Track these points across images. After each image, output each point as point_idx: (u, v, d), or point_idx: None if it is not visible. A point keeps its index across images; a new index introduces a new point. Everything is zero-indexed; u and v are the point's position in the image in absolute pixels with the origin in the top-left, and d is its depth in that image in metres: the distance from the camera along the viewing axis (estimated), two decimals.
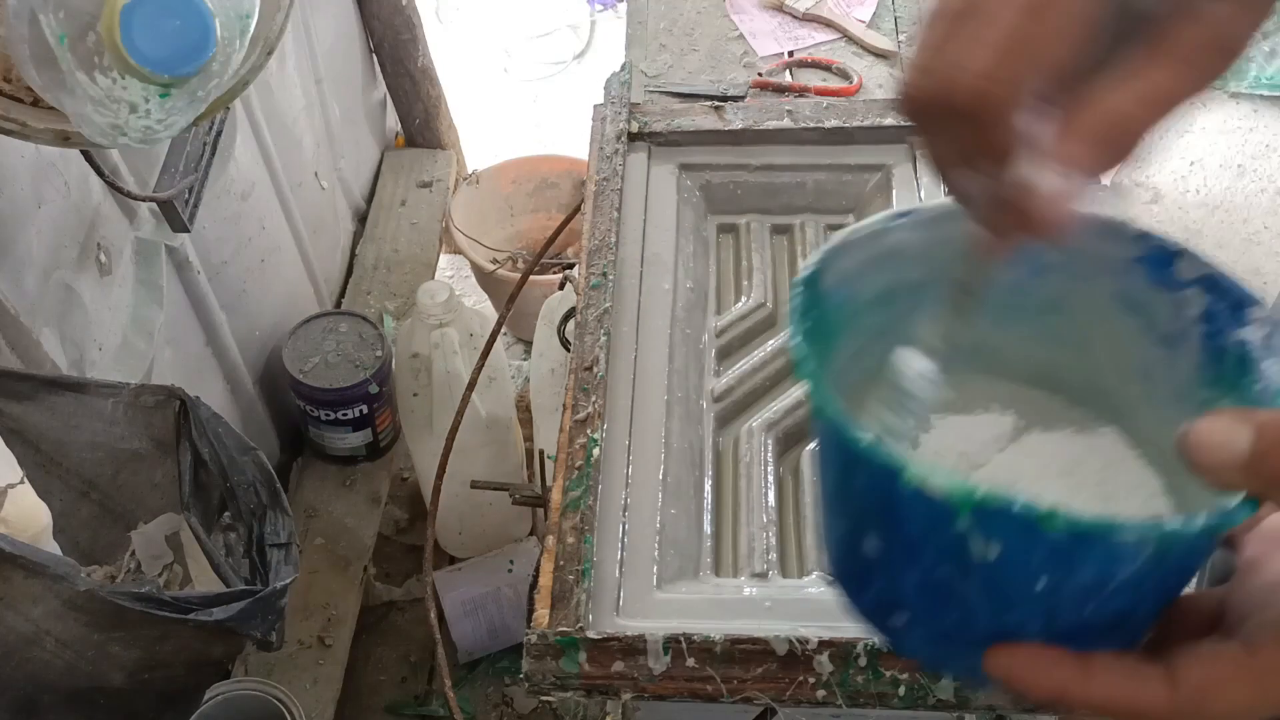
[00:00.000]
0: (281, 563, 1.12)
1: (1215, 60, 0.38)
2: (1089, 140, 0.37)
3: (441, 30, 3.11)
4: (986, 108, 0.36)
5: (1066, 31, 0.36)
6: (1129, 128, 0.37)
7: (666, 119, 1.21)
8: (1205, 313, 0.48)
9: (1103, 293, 0.52)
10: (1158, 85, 0.37)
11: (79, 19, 0.73)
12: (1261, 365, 0.45)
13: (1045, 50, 0.36)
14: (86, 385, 1.14)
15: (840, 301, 0.51)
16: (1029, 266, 0.51)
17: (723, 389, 1.03)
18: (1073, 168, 0.37)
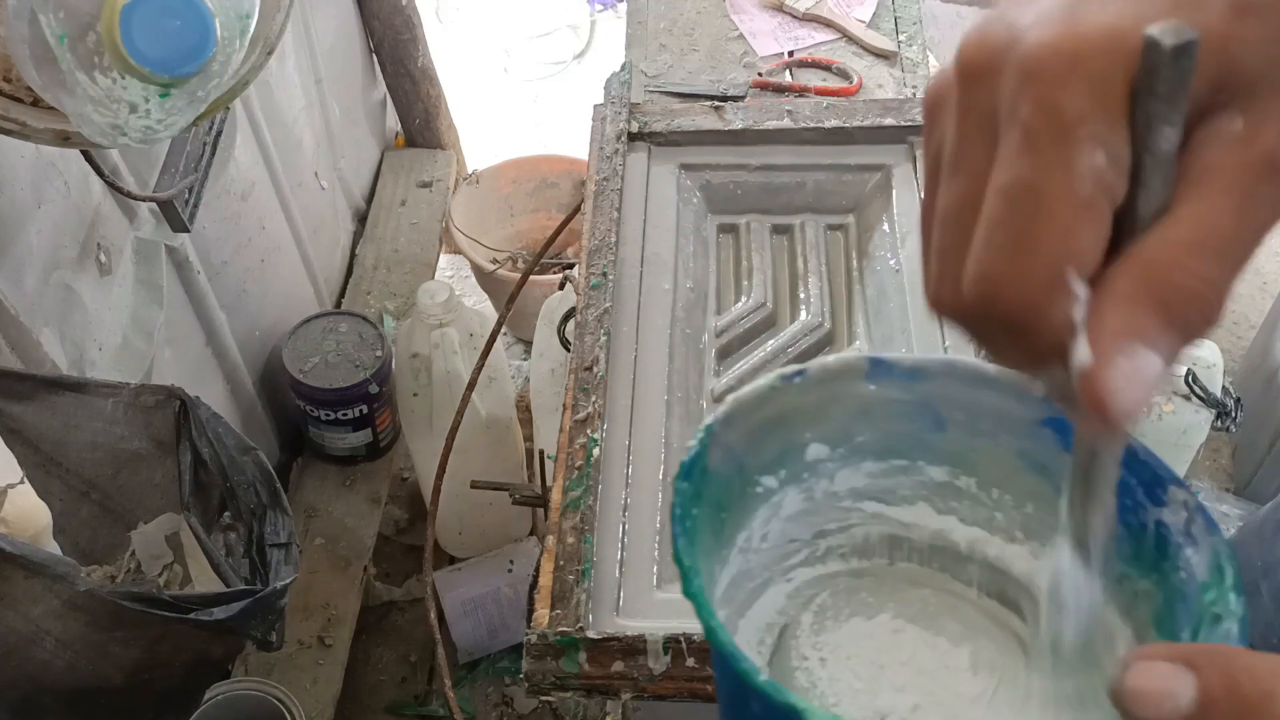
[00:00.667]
0: (281, 563, 1.12)
1: (1266, 182, 0.33)
2: (1124, 300, 0.32)
3: (441, 30, 3.11)
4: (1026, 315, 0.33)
5: (1078, 212, 0.32)
6: (1175, 278, 0.32)
7: (666, 119, 1.21)
8: (1121, 484, 0.44)
9: (1008, 453, 0.49)
10: (1204, 224, 0.33)
11: (79, 19, 0.73)
12: (1184, 553, 0.43)
13: (1067, 238, 0.32)
14: (86, 385, 1.14)
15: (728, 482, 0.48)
16: (930, 421, 0.49)
17: (723, 389, 1.03)
18: (1121, 341, 0.32)
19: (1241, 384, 2.02)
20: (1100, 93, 0.32)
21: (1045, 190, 0.32)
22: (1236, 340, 2.29)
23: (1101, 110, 0.32)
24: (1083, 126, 0.32)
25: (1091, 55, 0.32)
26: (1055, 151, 0.32)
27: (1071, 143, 0.32)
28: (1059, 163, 0.32)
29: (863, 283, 1.12)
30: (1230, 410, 1.65)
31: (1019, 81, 0.33)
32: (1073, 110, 0.32)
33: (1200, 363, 1.69)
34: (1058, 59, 0.32)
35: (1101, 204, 0.33)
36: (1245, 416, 1.70)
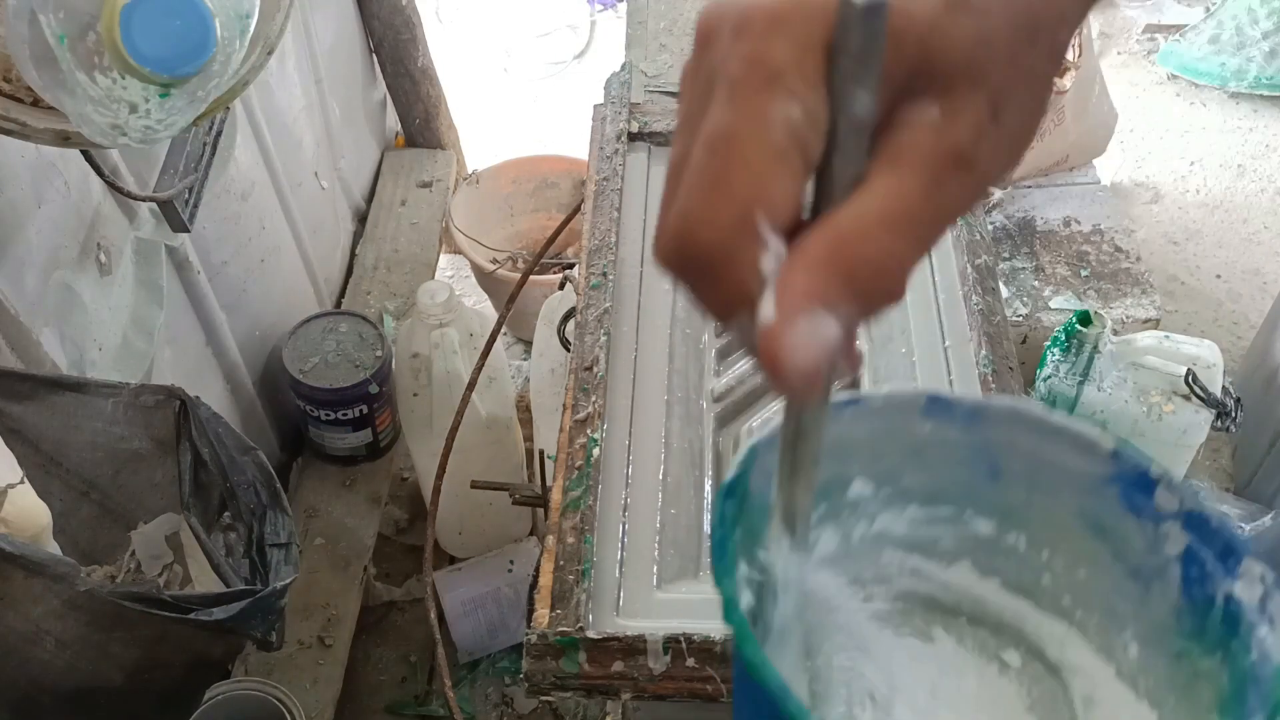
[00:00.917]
0: (281, 563, 1.12)
1: (956, 176, 0.33)
2: (823, 268, 0.33)
3: (441, 30, 3.11)
4: (716, 255, 0.34)
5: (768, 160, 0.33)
6: (861, 250, 0.33)
7: (666, 119, 1.21)
8: (1186, 552, 0.43)
9: (1066, 510, 0.46)
10: (894, 200, 0.33)
11: (79, 19, 0.73)
12: (1257, 632, 0.40)
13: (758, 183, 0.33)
14: (86, 385, 1.14)
15: (768, 505, 0.45)
16: (985, 468, 0.47)
17: (723, 389, 1.03)
18: (805, 303, 0.33)
19: (1241, 384, 2.02)
20: (799, 49, 0.33)
21: (740, 137, 0.33)
22: (1236, 340, 2.29)
23: (799, 66, 0.33)
24: (780, 79, 0.33)
25: (793, 14, 0.33)
26: (753, 101, 0.33)
27: (768, 94, 0.33)
28: (756, 112, 0.33)
29: None
30: (1230, 410, 1.65)
31: (729, 38, 0.34)
32: (772, 63, 0.33)
33: (1200, 363, 1.69)
34: (763, 16, 0.34)
35: (794, 155, 0.33)
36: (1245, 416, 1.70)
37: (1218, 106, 2.79)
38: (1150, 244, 2.45)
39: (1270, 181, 2.63)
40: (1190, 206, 2.59)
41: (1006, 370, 1.00)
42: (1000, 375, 0.99)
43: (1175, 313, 2.32)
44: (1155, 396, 1.68)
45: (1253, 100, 2.77)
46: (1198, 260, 2.46)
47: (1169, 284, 2.39)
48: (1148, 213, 2.57)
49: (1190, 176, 2.65)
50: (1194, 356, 1.70)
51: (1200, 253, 2.48)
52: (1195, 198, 2.60)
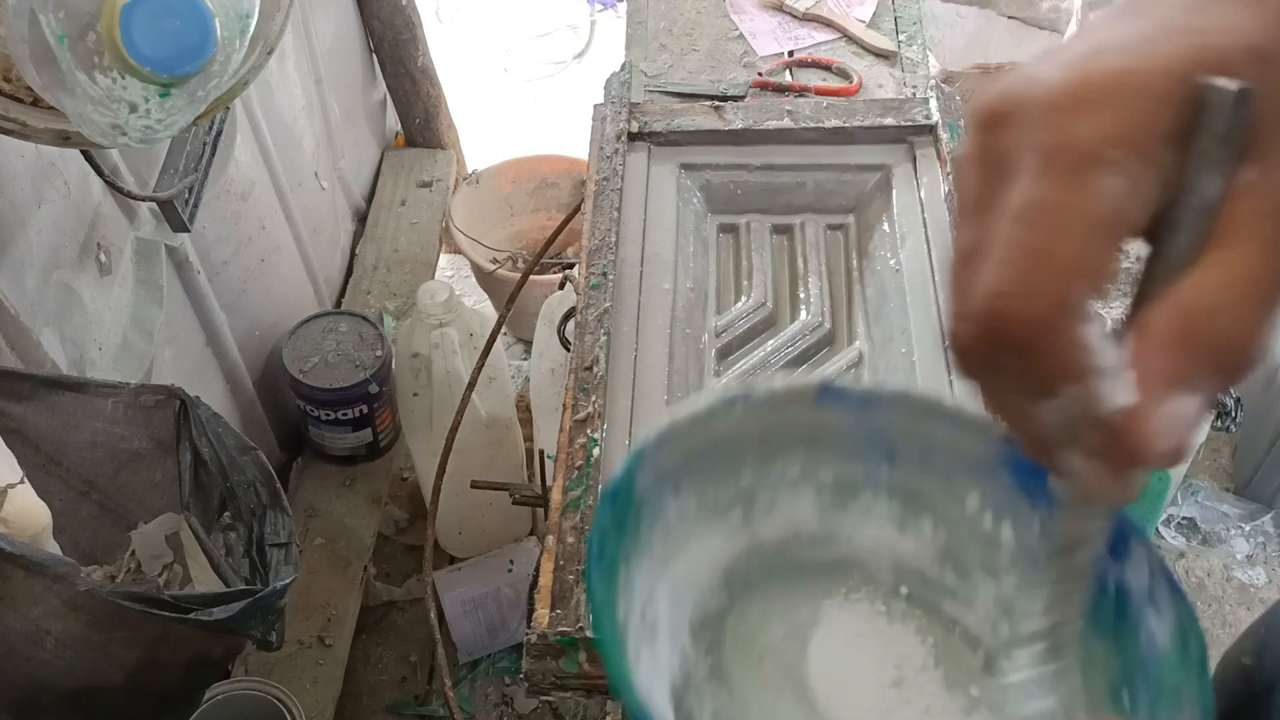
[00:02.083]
0: (281, 563, 1.12)
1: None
2: (1168, 345, 0.32)
3: (441, 30, 3.11)
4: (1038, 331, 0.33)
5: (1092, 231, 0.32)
6: (1215, 323, 0.32)
7: (666, 119, 1.21)
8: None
9: (966, 492, 0.47)
10: (1240, 271, 0.32)
11: (79, 19, 0.73)
12: (1145, 618, 0.41)
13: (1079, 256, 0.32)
14: (86, 385, 1.14)
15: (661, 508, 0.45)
16: (880, 454, 0.47)
17: None
18: (1168, 383, 0.32)
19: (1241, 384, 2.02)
20: (1121, 123, 0.32)
21: (1061, 209, 0.32)
22: None
23: (1122, 138, 0.32)
24: (1102, 155, 0.32)
25: (1112, 88, 0.32)
26: (1073, 173, 0.32)
27: (1090, 167, 0.32)
28: (1076, 184, 0.32)
29: (863, 283, 1.12)
30: (1230, 410, 1.65)
31: (1040, 113, 0.33)
32: (1093, 136, 0.32)
33: None
34: (1076, 92, 0.33)
35: (1116, 227, 0.33)
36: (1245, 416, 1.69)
37: None
38: None
39: None
40: None
41: None
42: None
43: None
44: None
45: None
46: None
47: None
48: None
49: None
50: None
51: None
52: None
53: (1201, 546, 1.97)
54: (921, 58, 1.38)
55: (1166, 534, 1.97)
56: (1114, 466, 0.34)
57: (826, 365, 1.05)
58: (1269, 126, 0.33)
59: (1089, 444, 0.34)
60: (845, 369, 1.05)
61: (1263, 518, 1.98)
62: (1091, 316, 0.33)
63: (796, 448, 0.48)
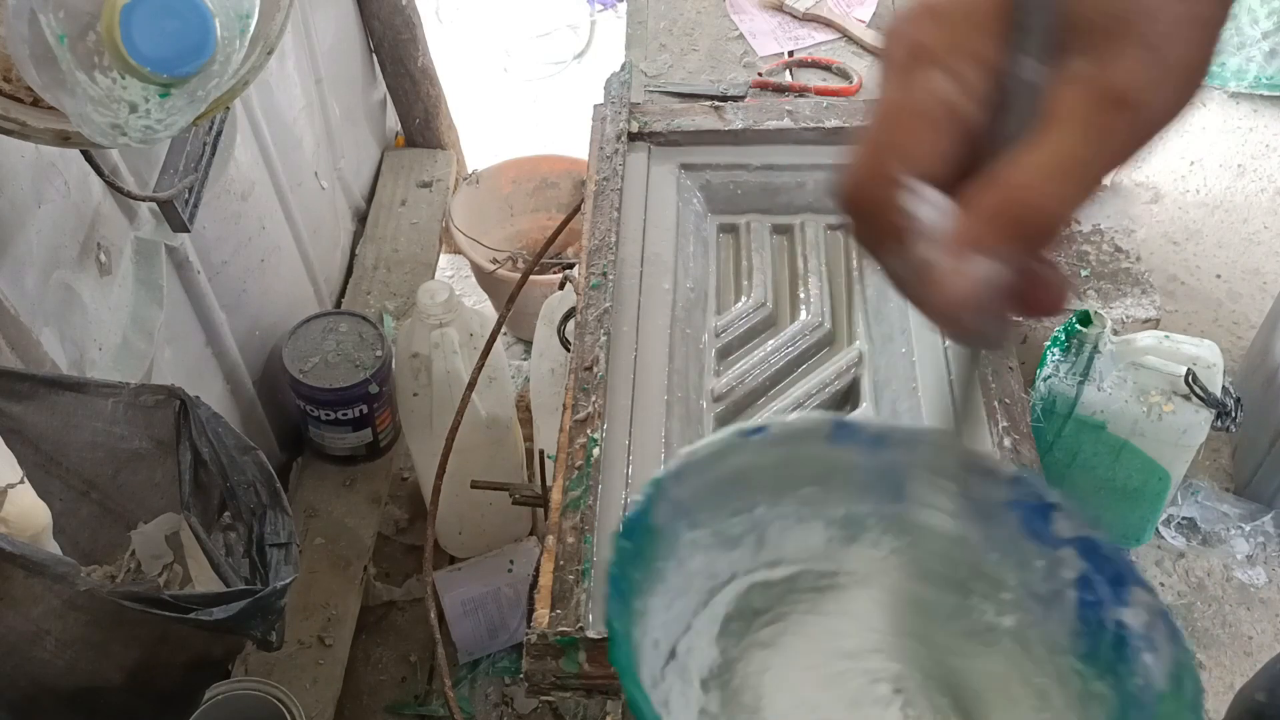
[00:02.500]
0: (281, 563, 1.11)
1: (1114, 118, 0.37)
2: (989, 215, 0.37)
3: (441, 30, 3.11)
4: (864, 200, 0.39)
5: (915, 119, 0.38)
6: (1030, 200, 0.37)
7: (666, 119, 1.21)
8: (1081, 578, 0.44)
9: (972, 534, 0.48)
10: (1054, 151, 0.37)
11: (79, 19, 0.73)
12: (1142, 657, 0.42)
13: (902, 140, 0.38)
14: (86, 385, 1.14)
15: (675, 540, 0.46)
16: (889, 491, 0.49)
17: (723, 389, 1.03)
18: (974, 246, 0.37)
19: (1241, 384, 2.02)
20: (949, 30, 0.38)
21: (893, 104, 0.39)
22: (1236, 340, 2.29)
23: (949, 42, 0.38)
24: (930, 56, 0.38)
25: (946, 2, 0.39)
26: (905, 73, 0.39)
27: (919, 66, 0.39)
28: (907, 81, 0.39)
29: (863, 283, 1.12)
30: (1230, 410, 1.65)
31: (896, 27, 0.40)
32: (924, 44, 0.39)
33: (1200, 363, 1.69)
34: (919, 8, 0.39)
35: (942, 116, 0.38)
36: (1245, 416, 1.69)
37: (1218, 106, 2.79)
38: (1150, 244, 2.45)
39: (1270, 181, 2.63)
40: (1190, 206, 2.59)
41: (1006, 370, 1.00)
42: (1000, 375, 0.99)
43: (1175, 313, 2.32)
44: (1155, 396, 1.68)
45: (1253, 100, 2.77)
46: (1198, 260, 2.46)
47: (1169, 284, 2.39)
48: (1148, 212, 2.57)
49: (1190, 176, 2.65)
50: (1194, 356, 1.69)
51: (1200, 252, 2.48)
52: (1195, 197, 2.60)
53: (1201, 546, 1.97)
54: None
55: (1166, 534, 1.97)
56: (932, 316, 0.39)
57: (826, 365, 1.05)
58: (1101, 24, 0.37)
59: (918, 293, 0.39)
60: (845, 368, 1.05)
61: (1263, 518, 1.98)
62: (915, 189, 0.38)
63: (808, 483, 0.49)
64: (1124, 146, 0.37)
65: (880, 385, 1.03)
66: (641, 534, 0.44)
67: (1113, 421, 1.69)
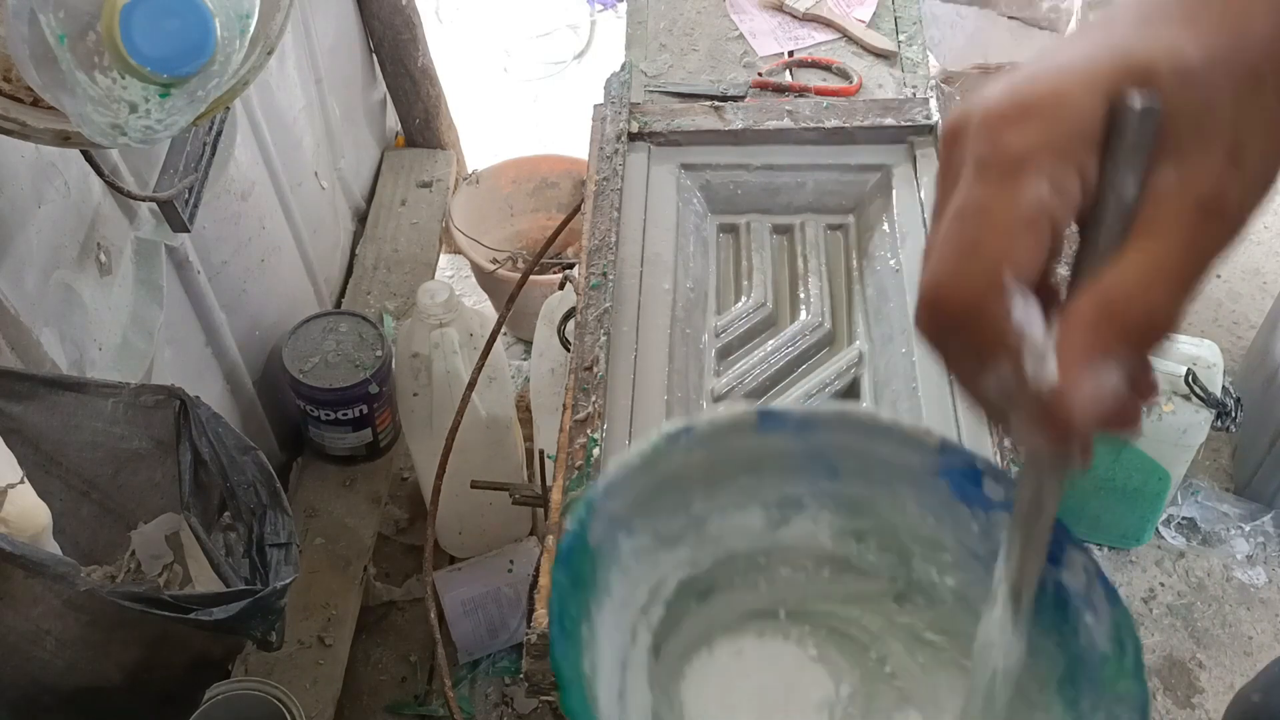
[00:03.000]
0: (281, 563, 1.12)
1: (1208, 226, 0.37)
2: (1099, 327, 0.37)
3: (441, 30, 3.11)
4: (969, 310, 0.38)
5: (1016, 224, 0.37)
6: (1131, 304, 0.37)
7: (666, 119, 1.21)
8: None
9: (906, 501, 0.49)
10: (1156, 259, 0.37)
11: (79, 19, 0.73)
12: (1084, 619, 0.43)
13: (1006, 246, 0.37)
14: (86, 385, 1.14)
15: (616, 552, 0.46)
16: (823, 470, 0.49)
17: (723, 389, 1.03)
18: (1080, 355, 0.37)
19: (1241, 384, 2.02)
20: (1047, 134, 0.37)
21: (990, 209, 0.38)
22: (1236, 340, 2.29)
23: (1047, 148, 0.37)
24: (1029, 159, 0.37)
25: (1040, 103, 0.38)
26: (1000, 177, 0.38)
27: (1017, 172, 0.37)
28: (1003, 185, 0.37)
29: (863, 283, 1.12)
30: (1230, 410, 1.65)
31: (978, 127, 0.39)
32: (1020, 147, 0.37)
33: (1200, 363, 1.69)
34: (1008, 106, 0.38)
35: (1042, 224, 0.37)
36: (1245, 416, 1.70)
37: None
38: None
39: None
40: None
41: None
42: None
43: None
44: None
45: None
46: None
47: None
48: None
49: None
50: (1194, 356, 1.69)
51: None
52: None
53: (1201, 546, 1.97)
54: (921, 58, 1.38)
55: (1166, 534, 1.97)
56: (1049, 434, 0.38)
57: (826, 365, 1.05)
58: (1186, 135, 0.37)
59: (1028, 412, 0.38)
60: (845, 368, 1.05)
61: (1263, 518, 1.98)
62: (1022, 301, 0.37)
63: (741, 474, 0.49)
64: (1216, 251, 0.38)
65: (880, 385, 1.03)
66: (579, 558, 0.44)
67: None
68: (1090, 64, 0.38)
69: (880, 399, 1.02)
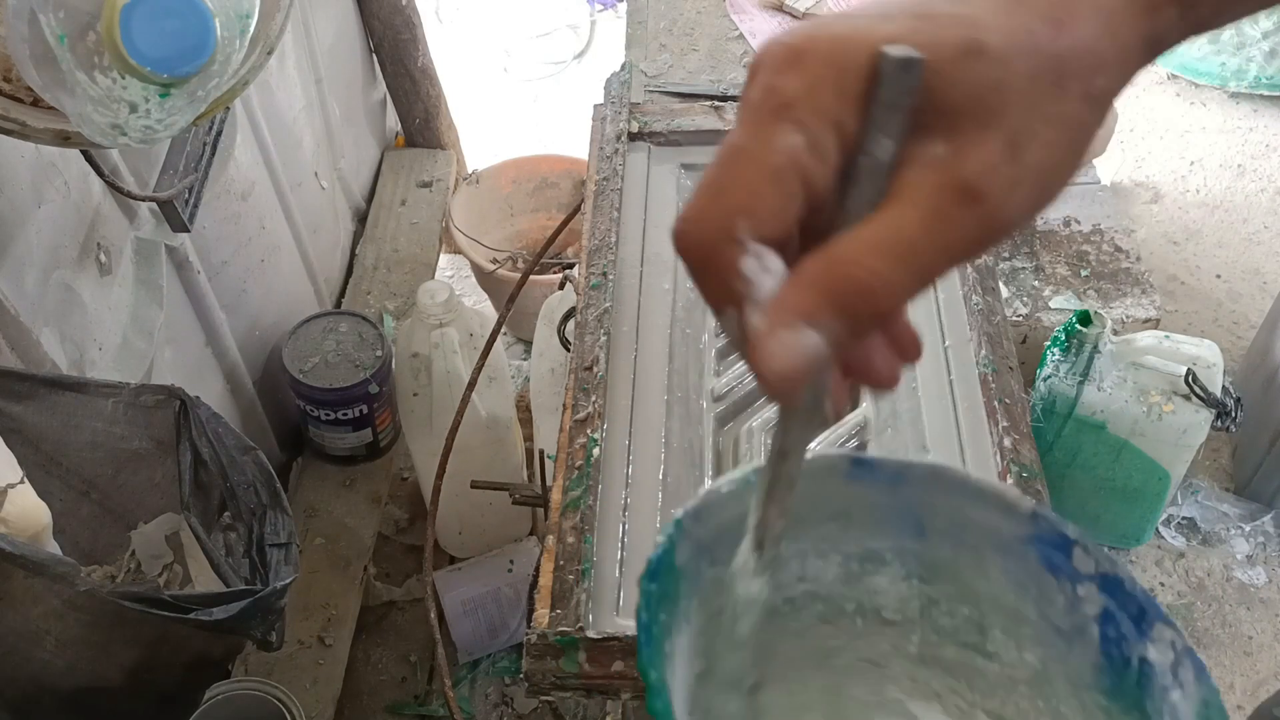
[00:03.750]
0: (281, 563, 1.12)
1: (961, 210, 0.35)
2: (812, 287, 0.35)
3: (441, 30, 3.11)
4: (702, 255, 0.37)
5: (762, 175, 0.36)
6: (848, 271, 0.35)
7: (666, 119, 1.21)
8: (1104, 613, 0.44)
9: (991, 567, 0.48)
10: (889, 230, 0.35)
11: (79, 19, 0.73)
12: (1170, 696, 0.42)
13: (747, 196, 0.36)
14: (86, 385, 1.14)
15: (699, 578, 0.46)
16: (910, 528, 0.48)
17: (723, 389, 1.03)
18: (796, 315, 0.35)
19: (1241, 384, 2.02)
20: (812, 86, 0.36)
21: (743, 153, 0.36)
22: (1236, 340, 2.29)
23: (810, 100, 0.36)
24: (787, 109, 0.36)
25: (813, 51, 0.36)
26: (761, 125, 0.36)
27: (774, 118, 0.36)
28: (762, 134, 0.36)
29: None
30: (1230, 410, 1.65)
31: (760, 69, 0.37)
32: (782, 94, 0.36)
33: (1200, 363, 1.69)
34: (785, 52, 0.37)
35: (790, 177, 0.36)
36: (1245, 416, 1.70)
37: (1218, 106, 2.79)
38: (1150, 244, 2.45)
39: (1270, 181, 2.63)
40: (1190, 206, 2.59)
41: (1006, 370, 1.00)
42: (1000, 375, 0.99)
43: (1175, 313, 2.32)
44: (1155, 396, 1.68)
45: (1253, 100, 2.77)
46: (1198, 260, 2.46)
47: (1169, 284, 2.39)
48: (1148, 212, 2.57)
49: (1190, 176, 2.65)
50: (1194, 356, 1.69)
51: (1200, 253, 2.48)
52: (1195, 197, 2.60)
53: (1201, 546, 1.97)
54: None
55: (1166, 534, 1.97)
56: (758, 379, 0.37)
57: None
58: (966, 111, 0.36)
59: (749, 358, 0.37)
60: None
61: (1263, 518, 1.98)
62: (753, 252, 0.36)
63: (826, 520, 0.49)
64: (966, 240, 0.36)
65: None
66: (665, 575, 0.44)
67: (1113, 421, 1.69)
68: (881, 20, 0.36)
69: (879, 399, 1.02)
